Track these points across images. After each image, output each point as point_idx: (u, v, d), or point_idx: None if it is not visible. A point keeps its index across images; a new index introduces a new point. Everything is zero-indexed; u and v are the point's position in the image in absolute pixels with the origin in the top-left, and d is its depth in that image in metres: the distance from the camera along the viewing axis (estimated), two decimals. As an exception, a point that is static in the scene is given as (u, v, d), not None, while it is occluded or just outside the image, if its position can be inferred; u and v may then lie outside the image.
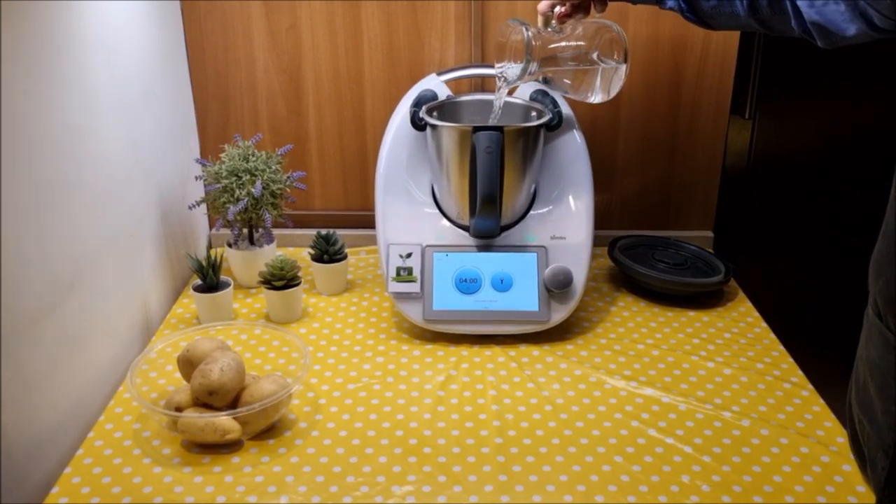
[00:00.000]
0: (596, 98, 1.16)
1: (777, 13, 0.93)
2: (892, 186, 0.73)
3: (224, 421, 1.00)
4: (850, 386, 0.81)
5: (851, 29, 0.83)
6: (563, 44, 1.14)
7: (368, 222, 1.44)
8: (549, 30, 1.14)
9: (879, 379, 0.73)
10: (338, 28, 1.49)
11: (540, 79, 1.18)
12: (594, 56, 1.13)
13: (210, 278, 1.30)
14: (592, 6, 1.14)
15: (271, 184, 1.37)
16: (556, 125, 1.30)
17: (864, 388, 0.77)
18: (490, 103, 1.25)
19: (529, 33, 1.12)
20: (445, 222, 1.32)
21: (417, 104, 1.31)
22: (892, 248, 0.71)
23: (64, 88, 1.03)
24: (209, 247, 1.62)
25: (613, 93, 1.15)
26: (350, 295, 1.43)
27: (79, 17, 1.07)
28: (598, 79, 1.14)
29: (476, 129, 1.20)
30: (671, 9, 1.06)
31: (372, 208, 1.35)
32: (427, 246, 1.29)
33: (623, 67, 1.12)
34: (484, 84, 1.51)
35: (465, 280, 1.27)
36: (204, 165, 1.40)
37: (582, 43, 1.13)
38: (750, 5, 0.96)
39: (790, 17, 0.91)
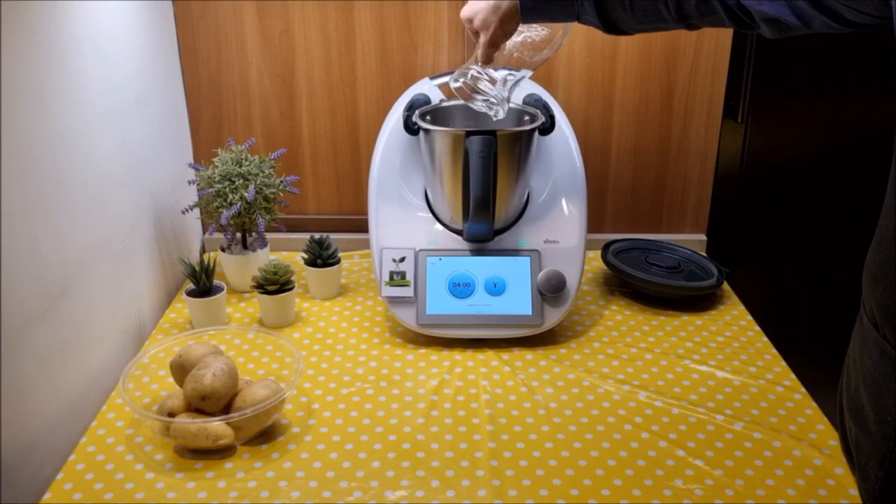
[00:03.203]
0: (563, 42, 1.15)
1: (706, 15, 0.90)
2: (886, 196, 0.73)
3: (217, 426, 1.00)
4: (841, 390, 0.81)
5: (814, 24, 0.80)
6: (506, 52, 1.13)
7: (362, 226, 1.44)
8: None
9: (873, 388, 0.73)
10: (331, 32, 1.49)
11: (517, 74, 1.16)
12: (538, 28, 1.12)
13: (203, 283, 1.30)
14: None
15: (265, 188, 1.37)
16: (549, 129, 1.30)
17: (856, 395, 0.76)
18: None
19: (472, 71, 1.11)
20: (439, 226, 1.32)
21: (410, 108, 1.31)
22: (889, 258, 0.71)
23: (56, 93, 1.03)
24: (202, 251, 1.62)
25: (569, 33, 1.13)
26: (343, 299, 1.43)
27: (71, 20, 1.07)
28: (554, 34, 1.13)
29: (469, 134, 1.20)
30: (590, 24, 1.01)
31: (365, 212, 1.35)
32: (420, 250, 1.29)
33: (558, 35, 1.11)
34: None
35: (459, 284, 1.27)
36: (197, 170, 1.40)
37: (519, 40, 1.12)
38: (678, 15, 0.93)
39: (723, 18, 0.89)
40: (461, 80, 1.13)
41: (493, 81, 1.13)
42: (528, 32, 1.11)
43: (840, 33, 0.81)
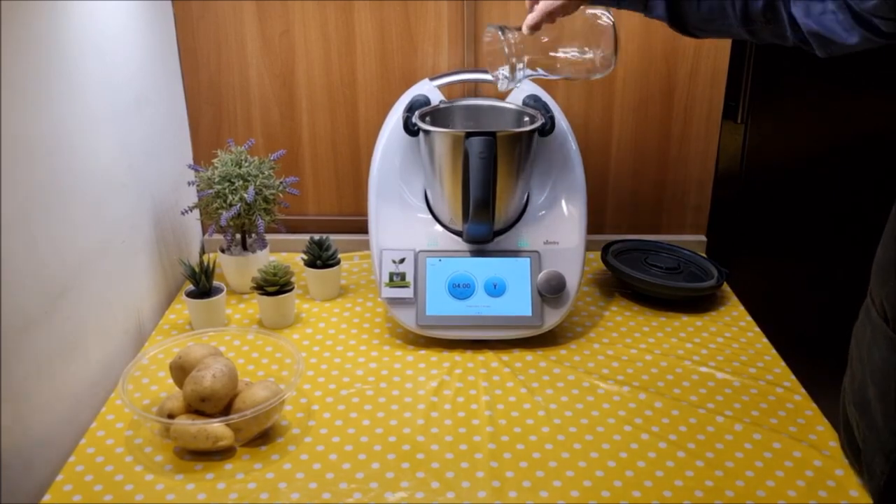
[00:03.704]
0: (596, 76, 1.15)
1: (770, 21, 0.90)
2: None
3: (216, 428, 1.00)
4: (844, 388, 0.81)
5: (854, 37, 0.80)
6: (548, 39, 1.12)
7: (362, 227, 1.44)
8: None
9: (881, 382, 0.73)
10: (331, 33, 1.49)
11: (538, 70, 1.16)
12: (584, 48, 1.11)
13: (203, 284, 1.30)
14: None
15: (264, 189, 1.37)
16: (548, 130, 1.30)
17: (861, 390, 0.77)
18: (485, 108, 1.24)
19: (509, 36, 1.10)
20: (438, 227, 1.32)
21: (410, 109, 1.31)
22: None
23: (55, 93, 1.02)
24: (202, 252, 1.62)
25: (609, 71, 1.13)
26: (343, 300, 1.43)
27: (70, 21, 1.07)
28: (594, 64, 1.13)
29: (469, 135, 1.20)
30: (658, 17, 1.01)
31: (365, 213, 1.35)
32: (420, 251, 1.29)
33: (612, 54, 1.10)
34: (477, 89, 1.51)
35: (459, 285, 1.27)
36: (197, 171, 1.40)
37: (572, 38, 1.12)
38: (743, 17, 0.93)
39: (786, 28, 0.88)
40: (500, 32, 1.11)
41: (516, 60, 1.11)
42: (576, 54, 1.11)
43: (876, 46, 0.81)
